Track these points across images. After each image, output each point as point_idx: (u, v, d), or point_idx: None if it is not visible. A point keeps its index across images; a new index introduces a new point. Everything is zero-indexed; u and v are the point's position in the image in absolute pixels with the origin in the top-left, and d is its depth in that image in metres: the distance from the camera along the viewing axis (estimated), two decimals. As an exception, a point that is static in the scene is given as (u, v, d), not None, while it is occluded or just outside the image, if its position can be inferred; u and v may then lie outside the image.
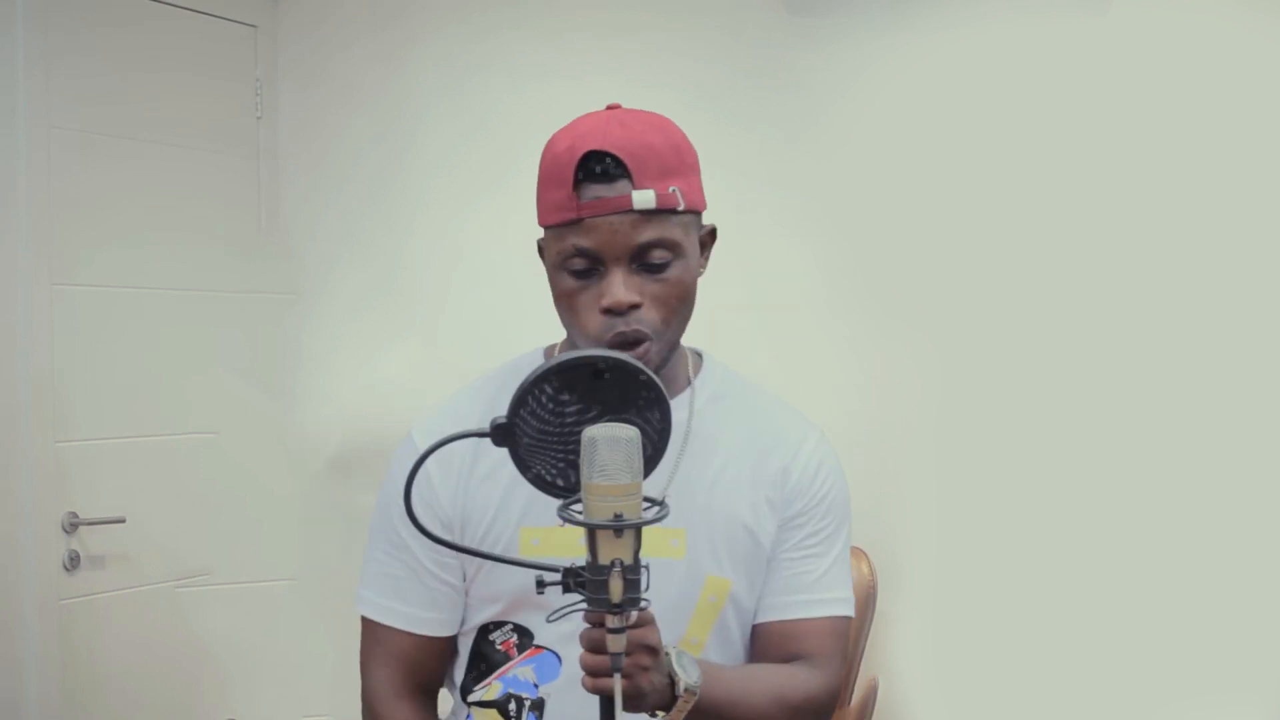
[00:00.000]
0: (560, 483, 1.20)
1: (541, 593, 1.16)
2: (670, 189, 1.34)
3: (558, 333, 1.60)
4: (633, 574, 1.13)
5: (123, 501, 2.76)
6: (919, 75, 2.72)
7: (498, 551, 1.45)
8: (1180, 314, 2.57)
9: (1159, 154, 2.58)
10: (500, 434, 1.20)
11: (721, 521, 1.44)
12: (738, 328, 2.78)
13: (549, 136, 1.44)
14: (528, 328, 2.96)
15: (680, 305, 1.39)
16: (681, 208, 1.35)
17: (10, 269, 2.61)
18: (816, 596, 1.46)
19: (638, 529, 1.14)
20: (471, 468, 1.46)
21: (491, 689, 1.51)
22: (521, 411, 1.19)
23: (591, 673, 1.19)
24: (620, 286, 1.33)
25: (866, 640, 2.38)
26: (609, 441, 1.13)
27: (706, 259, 1.45)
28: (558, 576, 1.16)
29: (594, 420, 1.16)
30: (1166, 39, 2.57)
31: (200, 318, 2.96)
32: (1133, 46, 2.59)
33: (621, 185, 1.32)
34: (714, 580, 1.44)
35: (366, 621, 1.55)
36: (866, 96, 2.76)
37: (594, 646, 1.18)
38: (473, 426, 1.34)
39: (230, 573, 3.01)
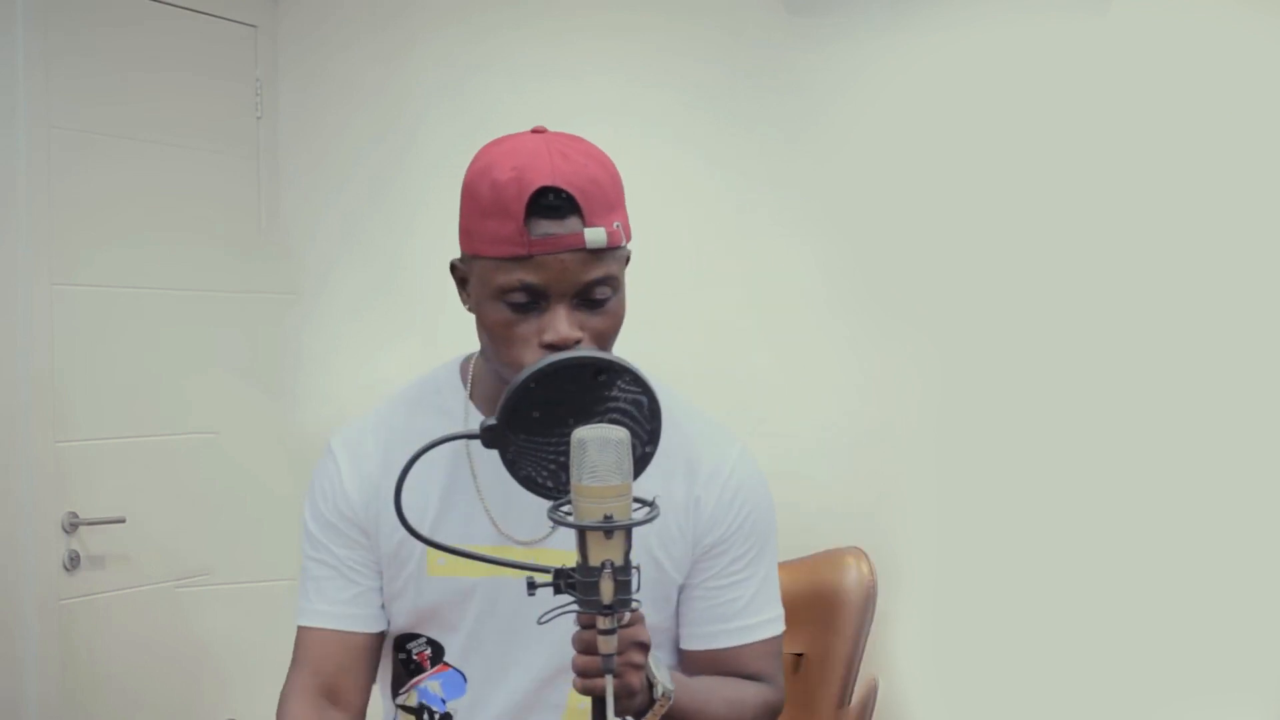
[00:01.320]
0: (550, 484, 1.20)
1: (533, 594, 1.16)
2: (615, 224, 1.32)
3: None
4: (623, 575, 1.13)
5: (123, 501, 2.77)
6: (919, 75, 2.72)
7: (415, 562, 1.45)
8: (1180, 314, 2.57)
9: (1159, 154, 2.58)
10: (490, 436, 1.20)
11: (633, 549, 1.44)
12: (738, 328, 2.79)
13: (483, 153, 1.43)
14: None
15: (614, 336, 1.39)
16: (625, 243, 1.35)
17: (10, 269, 2.61)
18: (745, 623, 1.45)
19: (628, 530, 1.14)
20: (382, 479, 1.45)
21: (410, 695, 1.53)
22: (511, 414, 1.19)
23: (582, 673, 1.19)
24: (564, 322, 1.32)
25: (866, 640, 2.38)
26: (599, 443, 1.13)
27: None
28: (549, 578, 1.16)
29: (582, 422, 1.16)
30: (1166, 39, 2.56)
31: (200, 318, 2.96)
32: (1133, 46, 2.58)
33: (572, 222, 1.30)
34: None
35: (298, 632, 1.56)
36: (866, 96, 2.76)
37: (585, 648, 1.18)
38: (389, 440, 1.38)
39: (230, 573, 3.01)
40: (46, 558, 2.65)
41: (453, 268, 1.46)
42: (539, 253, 1.30)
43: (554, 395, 1.18)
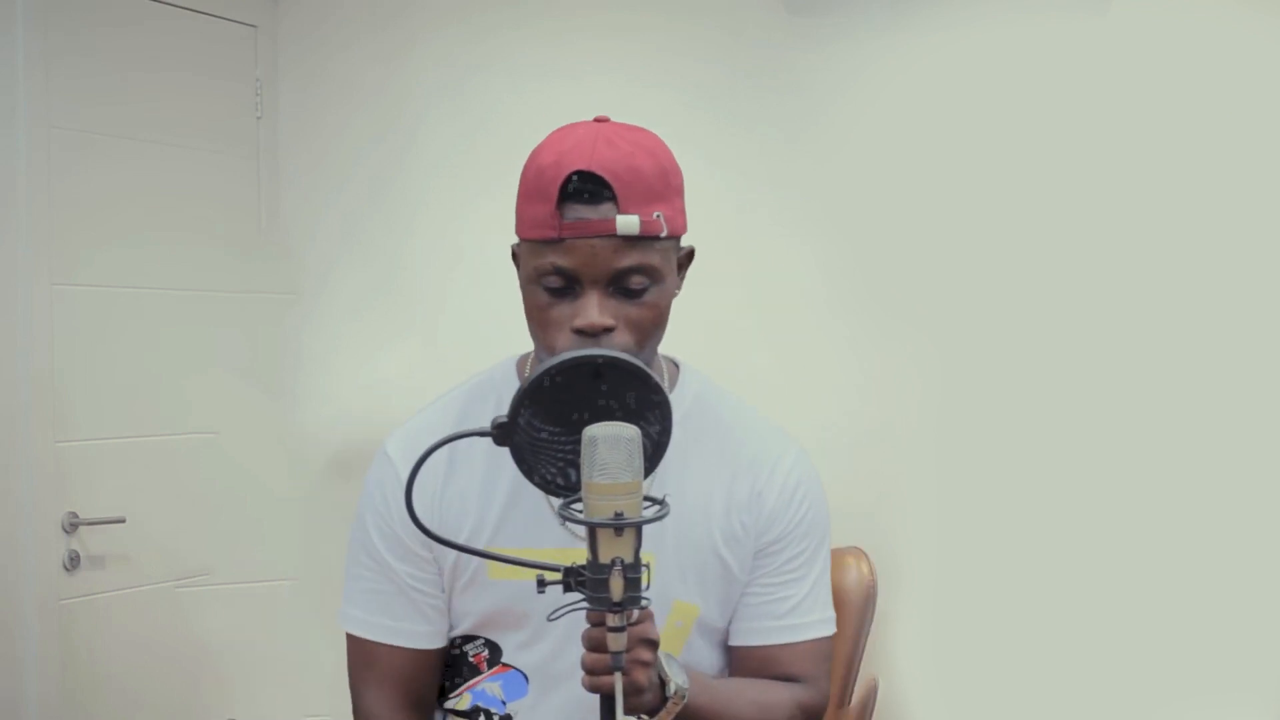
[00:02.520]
0: (560, 481, 1.20)
1: (542, 591, 1.16)
2: (655, 215, 1.31)
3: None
4: (633, 572, 1.13)
5: (123, 501, 2.76)
6: (919, 75, 2.72)
7: (472, 570, 1.45)
8: (1180, 314, 2.57)
9: (1159, 154, 2.58)
10: (502, 433, 1.20)
11: (691, 547, 1.42)
12: (738, 328, 2.79)
13: (544, 139, 1.43)
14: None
15: (654, 329, 1.37)
16: (664, 234, 1.33)
17: (10, 269, 2.61)
18: (798, 621, 1.44)
19: (638, 528, 1.13)
20: (445, 483, 1.45)
21: (462, 699, 1.51)
22: (523, 411, 1.19)
23: (591, 671, 1.19)
24: (595, 309, 1.31)
25: (866, 640, 2.37)
26: (609, 440, 1.13)
27: (683, 279, 1.43)
28: (559, 575, 1.16)
29: (594, 419, 1.16)
30: (1166, 39, 2.57)
31: (200, 318, 2.96)
32: (1133, 46, 2.59)
33: (606, 208, 1.29)
34: (681, 605, 1.43)
35: (355, 639, 1.52)
36: (866, 96, 2.76)
37: (594, 645, 1.18)
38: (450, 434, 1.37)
39: (230, 573, 3.01)
40: (46, 558, 2.64)
41: (513, 253, 1.44)
42: (569, 236, 1.29)
43: (564, 393, 1.18)
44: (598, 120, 1.40)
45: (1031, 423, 2.66)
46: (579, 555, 1.27)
